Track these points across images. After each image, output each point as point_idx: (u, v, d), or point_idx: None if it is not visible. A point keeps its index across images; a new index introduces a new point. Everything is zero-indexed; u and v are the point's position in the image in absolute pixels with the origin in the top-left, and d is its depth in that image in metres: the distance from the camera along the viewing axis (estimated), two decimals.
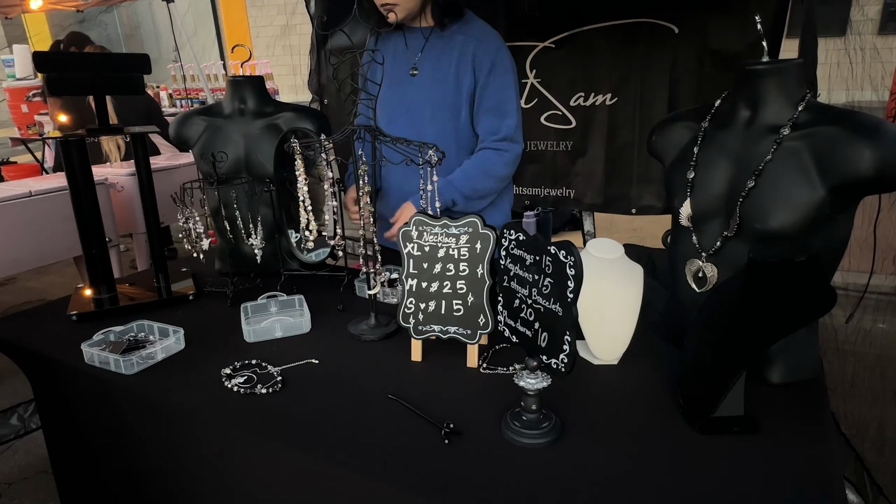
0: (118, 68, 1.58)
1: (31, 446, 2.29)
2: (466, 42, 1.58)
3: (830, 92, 1.84)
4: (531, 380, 0.96)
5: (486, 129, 1.62)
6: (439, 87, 1.61)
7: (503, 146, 1.62)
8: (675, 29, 2.06)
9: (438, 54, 1.61)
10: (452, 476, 0.90)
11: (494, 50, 1.59)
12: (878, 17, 7.85)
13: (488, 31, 1.62)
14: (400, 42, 1.65)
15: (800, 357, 1.11)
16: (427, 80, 1.63)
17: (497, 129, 1.61)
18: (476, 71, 1.59)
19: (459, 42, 1.59)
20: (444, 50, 1.60)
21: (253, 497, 1.11)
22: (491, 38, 1.61)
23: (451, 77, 1.60)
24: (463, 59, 1.58)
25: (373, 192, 1.33)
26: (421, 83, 1.63)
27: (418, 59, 1.62)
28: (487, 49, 1.58)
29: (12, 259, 2.57)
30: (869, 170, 0.93)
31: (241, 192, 1.62)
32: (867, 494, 1.70)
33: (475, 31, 1.61)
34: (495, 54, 1.59)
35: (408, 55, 1.64)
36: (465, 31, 1.60)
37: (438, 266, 1.21)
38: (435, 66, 1.62)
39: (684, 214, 1.16)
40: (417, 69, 1.62)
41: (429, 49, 1.62)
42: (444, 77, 1.61)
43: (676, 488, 0.86)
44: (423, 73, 1.63)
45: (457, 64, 1.59)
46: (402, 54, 1.65)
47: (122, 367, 1.23)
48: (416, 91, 1.64)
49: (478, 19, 1.65)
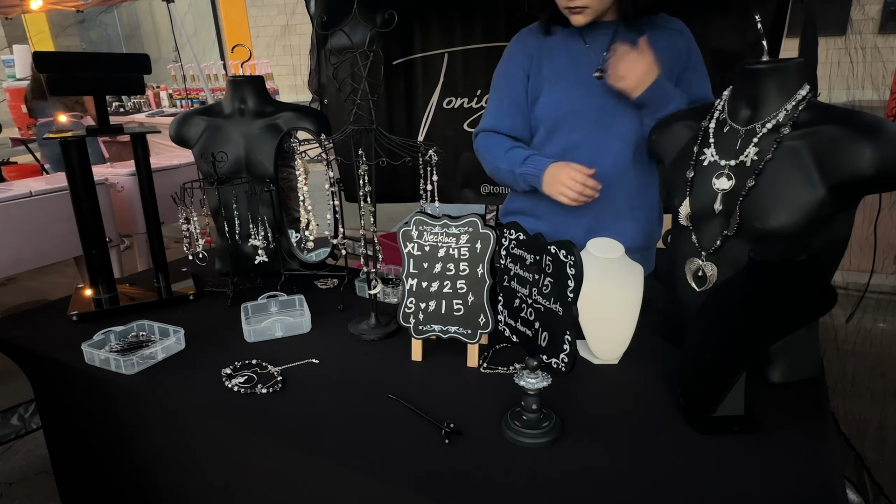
0: (118, 68, 1.58)
1: (31, 446, 2.29)
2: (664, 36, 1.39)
3: (831, 91, 1.84)
4: (531, 379, 0.96)
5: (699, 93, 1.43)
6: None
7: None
8: None
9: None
10: (453, 476, 0.90)
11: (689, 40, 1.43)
12: (878, 16, 7.84)
13: (678, 22, 1.44)
14: (576, 39, 1.45)
15: (800, 356, 1.11)
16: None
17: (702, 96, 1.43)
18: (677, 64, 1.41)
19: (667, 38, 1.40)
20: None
21: (253, 497, 1.11)
22: (683, 27, 1.44)
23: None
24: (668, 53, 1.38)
25: (373, 192, 1.33)
26: (606, 87, 1.39)
27: (605, 58, 1.39)
28: (689, 41, 1.42)
29: (13, 259, 2.57)
30: (869, 169, 0.93)
31: (241, 192, 1.62)
32: (867, 494, 1.70)
33: (670, 23, 1.43)
34: (692, 45, 1.43)
35: (588, 53, 1.43)
36: (655, 24, 1.40)
37: (439, 266, 1.21)
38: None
39: (684, 214, 1.16)
40: (603, 70, 1.40)
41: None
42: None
43: (677, 488, 0.86)
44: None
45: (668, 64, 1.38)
46: (581, 53, 1.44)
47: (123, 367, 1.23)
48: (605, 94, 1.41)
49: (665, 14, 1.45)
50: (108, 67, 1.56)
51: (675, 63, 1.41)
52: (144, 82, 1.64)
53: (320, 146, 1.36)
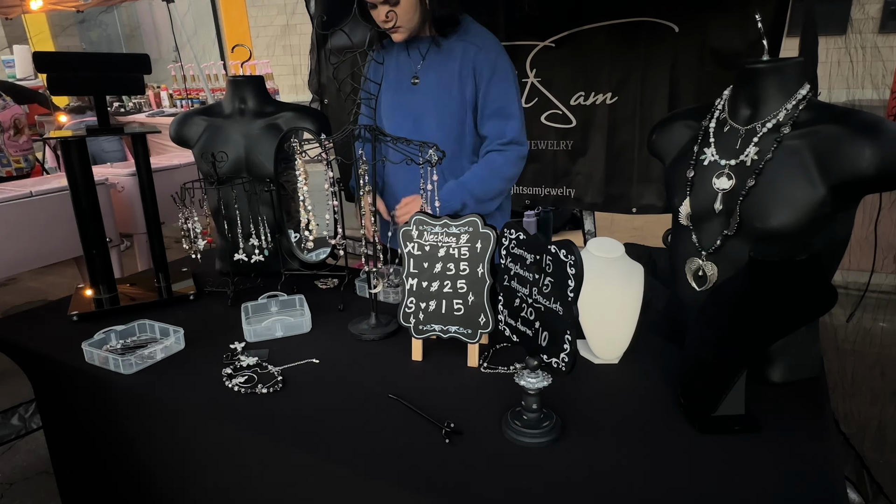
0: (118, 68, 1.58)
1: (32, 446, 2.29)
2: (467, 49, 1.61)
3: (831, 90, 1.84)
4: (532, 379, 0.96)
5: (490, 132, 1.66)
6: (443, 95, 1.64)
7: (508, 149, 1.65)
8: (676, 28, 2.06)
9: (441, 62, 1.64)
10: (453, 475, 0.90)
11: (494, 56, 1.62)
12: (878, 15, 7.84)
13: (487, 37, 1.65)
14: (402, 51, 1.69)
15: (800, 356, 1.11)
16: (430, 88, 1.66)
17: (502, 133, 1.64)
18: (477, 77, 1.62)
19: (460, 50, 1.62)
20: (446, 58, 1.63)
21: (253, 496, 1.11)
22: (490, 44, 1.63)
23: (454, 84, 1.63)
24: (464, 66, 1.61)
25: (374, 191, 1.34)
26: (425, 91, 1.66)
27: (420, 68, 1.66)
28: (488, 56, 1.61)
29: (13, 259, 2.57)
30: (869, 168, 0.93)
31: (241, 192, 1.62)
32: (867, 493, 1.70)
33: (474, 37, 1.63)
34: (495, 60, 1.61)
35: (410, 63, 1.68)
36: (465, 39, 1.62)
37: (439, 265, 1.21)
38: (438, 74, 1.64)
39: (684, 213, 1.16)
40: (419, 78, 1.67)
41: (430, 57, 1.65)
42: (448, 85, 1.63)
43: (677, 487, 0.86)
44: (425, 81, 1.66)
45: (459, 71, 1.62)
46: (405, 63, 1.69)
47: (121, 367, 1.23)
48: (422, 98, 1.67)
49: (476, 25, 1.67)
50: (108, 67, 1.56)
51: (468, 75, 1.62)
52: (144, 82, 1.64)
53: (320, 146, 1.36)
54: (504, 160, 1.65)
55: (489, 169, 1.66)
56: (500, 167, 1.66)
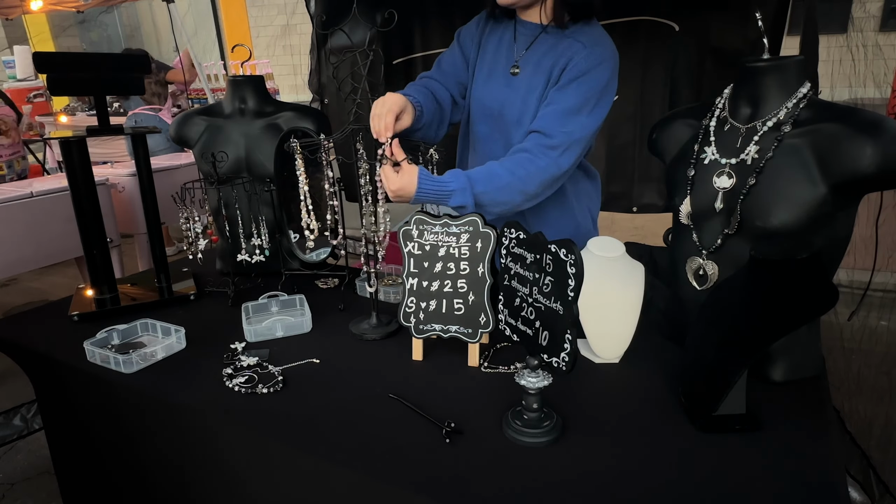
0: (118, 68, 1.58)
1: (33, 447, 2.30)
2: (572, 46, 1.32)
3: (833, 89, 1.84)
4: (532, 378, 0.96)
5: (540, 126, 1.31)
6: (532, 94, 1.36)
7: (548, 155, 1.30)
8: (676, 27, 2.06)
9: (542, 56, 1.36)
10: (453, 475, 0.90)
11: (597, 62, 1.30)
12: (879, 13, 7.83)
13: (605, 45, 1.33)
14: (509, 32, 1.41)
15: (801, 355, 1.10)
16: (523, 84, 1.38)
17: (552, 131, 1.29)
18: (562, 73, 1.32)
19: (565, 45, 1.32)
20: (548, 52, 1.35)
21: (254, 496, 1.11)
22: (604, 51, 1.32)
23: (541, 84, 1.35)
24: (558, 63, 1.32)
25: (374, 191, 1.33)
26: (518, 85, 1.39)
27: (523, 55, 1.38)
28: (587, 59, 1.30)
29: (14, 260, 2.57)
30: (870, 167, 0.93)
31: (241, 192, 1.62)
32: (873, 492, 1.69)
33: (590, 38, 1.32)
34: (594, 66, 1.30)
35: (513, 48, 1.41)
36: (579, 37, 1.33)
37: (439, 265, 1.21)
38: (535, 68, 1.36)
39: (684, 212, 1.16)
40: (519, 67, 1.38)
41: (535, 47, 1.36)
42: (538, 84, 1.35)
43: (678, 486, 0.85)
44: (523, 73, 1.38)
45: (550, 68, 1.33)
46: (507, 46, 1.41)
47: (122, 366, 1.23)
48: (511, 92, 1.39)
49: (603, 32, 1.36)
50: (108, 67, 1.56)
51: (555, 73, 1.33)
52: (145, 82, 1.64)
53: (320, 146, 1.35)
54: (535, 169, 1.28)
55: (510, 172, 1.28)
56: (526, 175, 1.28)
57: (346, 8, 1.29)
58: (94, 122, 1.53)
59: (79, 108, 5.94)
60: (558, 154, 1.30)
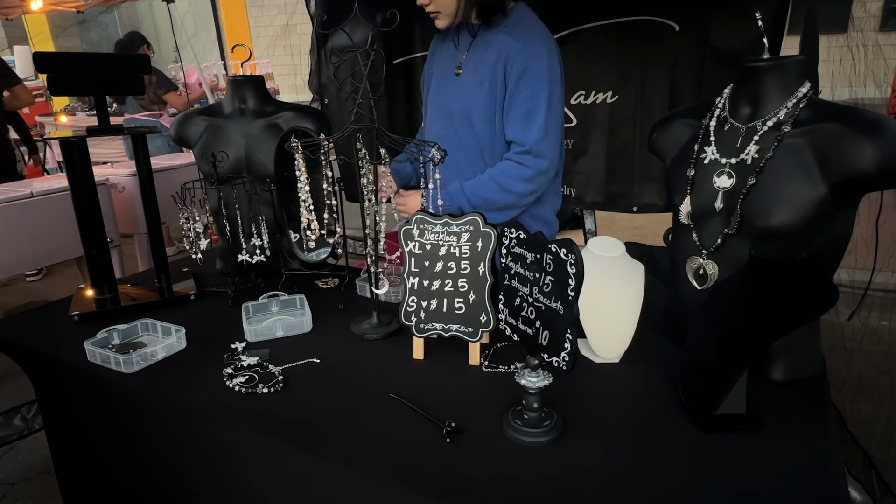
0: (118, 68, 1.58)
1: (34, 447, 2.30)
2: (506, 41, 1.46)
3: (833, 89, 1.84)
4: (532, 378, 0.96)
5: (511, 135, 1.50)
6: (477, 90, 1.51)
7: (524, 160, 1.49)
8: (676, 26, 2.06)
9: (481, 53, 1.51)
10: (454, 474, 0.90)
11: (530, 53, 1.44)
12: (879, 13, 7.83)
13: (533, 31, 1.47)
14: (451, 38, 1.58)
15: (801, 354, 1.10)
16: (468, 82, 1.53)
17: (521, 140, 1.48)
18: (507, 73, 1.46)
19: (500, 41, 1.47)
20: (486, 49, 1.50)
21: (254, 496, 1.11)
22: (533, 38, 1.46)
23: (486, 78, 1.49)
24: (499, 59, 1.46)
25: (376, 191, 1.33)
26: (462, 84, 1.55)
27: (464, 57, 1.54)
28: (525, 51, 1.44)
29: (14, 260, 2.57)
30: (870, 166, 0.93)
31: (241, 192, 1.62)
32: (875, 492, 1.69)
33: (520, 30, 1.46)
34: (530, 58, 1.44)
35: (456, 54, 1.57)
36: (509, 31, 1.47)
37: (440, 264, 1.21)
38: (476, 66, 1.52)
39: (685, 212, 1.16)
40: (462, 68, 1.54)
41: (474, 48, 1.52)
42: (482, 79, 1.50)
43: (678, 486, 0.85)
44: (466, 72, 1.54)
45: (493, 65, 1.48)
46: (452, 52, 1.59)
47: (122, 366, 1.23)
48: (457, 91, 1.56)
49: (530, 19, 1.50)
50: (108, 67, 1.56)
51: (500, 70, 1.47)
52: (144, 82, 1.64)
53: (320, 146, 1.35)
54: (516, 173, 1.48)
55: (494, 179, 1.51)
56: (508, 180, 1.49)
57: (347, 8, 1.29)
58: (95, 122, 1.53)
59: (79, 108, 5.95)
60: (534, 156, 1.49)
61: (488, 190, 1.52)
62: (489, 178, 1.52)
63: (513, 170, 1.49)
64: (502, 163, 1.53)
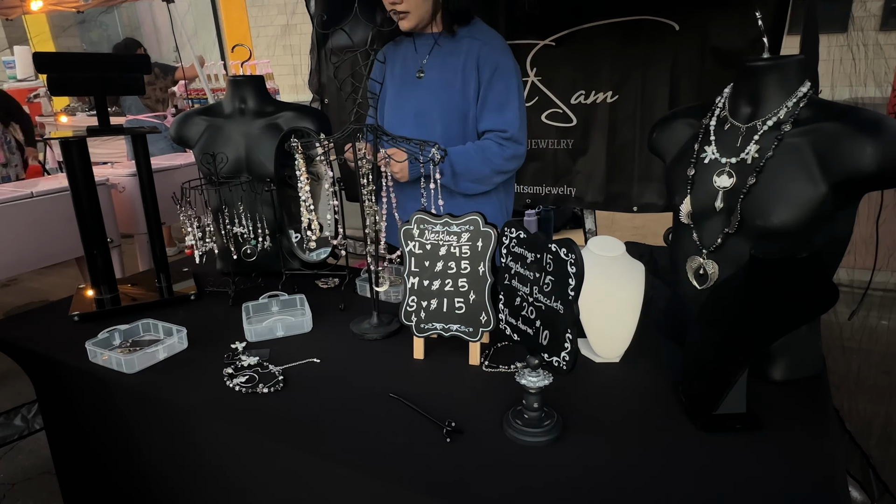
0: (118, 69, 1.58)
1: (34, 447, 2.30)
2: (472, 45, 1.62)
3: (834, 88, 1.84)
4: (532, 378, 0.96)
5: (489, 125, 1.65)
6: (447, 90, 1.64)
7: (505, 143, 1.64)
8: (676, 26, 2.06)
9: (445, 57, 1.64)
10: (454, 474, 0.90)
11: (499, 53, 1.62)
12: (879, 12, 7.82)
13: (494, 35, 1.66)
14: (410, 47, 1.70)
15: (802, 354, 1.10)
16: (435, 83, 1.65)
17: (501, 127, 1.63)
18: (480, 73, 1.61)
19: (466, 45, 1.62)
20: (451, 53, 1.63)
21: (255, 496, 1.11)
22: (496, 41, 1.65)
23: (458, 79, 1.63)
24: (469, 61, 1.62)
25: (377, 191, 1.33)
26: (429, 86, 1.66)
27: (425, 62, 1.66)
28: (492, 52, 1.61)
29: (14, 260, 2.57)
30: (871, 166, 0.93)
31: (242, 192, 1.62)
32: (873, 492, 1.69)
33: (481, 34, 1.64)
34: (499, 57, 1.62)
35: (416, 59, 1.68)
36: (472, 35, 1.63)
37: (440, 264, 1.21)
38: (442, 69, 1.64)
39: (685, 211, 1.16)
40: (424, 72, 1.66)
41: (436, 53, 1.65)
42: (452, 80, 1.63)
43: (679, 486, 0.85)
44: (430, 76, 1.66)
45: (463, 66, 1.62)
46: (412, 58, 1.69)
47: (124, 366, 1.23)
48: (425, 93, 1.67)
49: (482, 23, 1.68)
50: (109, 68, 1.56)
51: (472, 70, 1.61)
52: (149, 88, 1.64)
53: (320, 146, 1.35)
54: (499, 151, 1.64)
55: (480, 150, 1.64)
56: (492, 154, 1.64)
57: (347, 8, 1.29)
58: (95, 122, 1.53)
59: (79, 108, 5.95)
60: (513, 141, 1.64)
61: (473, 160, 1.64)
62: (475, 149, 1.64)
63: (495, 147, 1.64)
64: (484, 140, 1.66)
